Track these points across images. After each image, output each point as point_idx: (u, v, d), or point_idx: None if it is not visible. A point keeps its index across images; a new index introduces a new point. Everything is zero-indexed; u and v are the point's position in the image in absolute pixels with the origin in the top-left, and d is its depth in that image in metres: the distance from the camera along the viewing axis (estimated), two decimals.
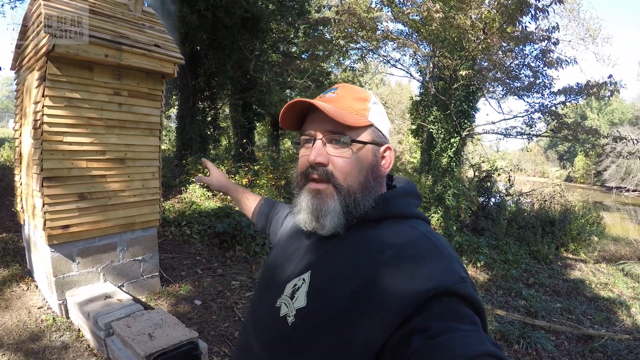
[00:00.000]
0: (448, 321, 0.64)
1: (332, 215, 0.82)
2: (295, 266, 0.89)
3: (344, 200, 0.82)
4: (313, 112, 0.87)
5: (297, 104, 0.86)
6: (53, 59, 3.28)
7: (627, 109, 43.63)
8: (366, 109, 0.87)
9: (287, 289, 0.85)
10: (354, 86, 0.92)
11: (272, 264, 1.01)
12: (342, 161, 0.83)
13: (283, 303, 0.83)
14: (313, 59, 12.52)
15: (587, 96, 9.15)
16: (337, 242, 0.84)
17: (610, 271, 7.87)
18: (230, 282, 4.91)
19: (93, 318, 3.21)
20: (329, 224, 0.82)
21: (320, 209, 0.82)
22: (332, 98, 0.87)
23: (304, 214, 0.85)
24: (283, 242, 1.04)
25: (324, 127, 0.84)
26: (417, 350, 0.61)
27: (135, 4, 4.13)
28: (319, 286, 0.79)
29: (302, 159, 0.88)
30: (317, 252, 0.87)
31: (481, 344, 0.60)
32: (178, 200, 8.03)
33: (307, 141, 0.88)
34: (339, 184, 0.82)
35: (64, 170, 3.47)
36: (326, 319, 0.73)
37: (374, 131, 0.87)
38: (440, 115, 10.27)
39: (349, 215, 0.82)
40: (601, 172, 38.76)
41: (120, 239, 4.03)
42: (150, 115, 4.05)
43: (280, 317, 0.81)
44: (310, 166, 0.84)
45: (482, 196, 10.44)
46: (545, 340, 4.15)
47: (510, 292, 5.91)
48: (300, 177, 0.88)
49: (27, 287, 4.13)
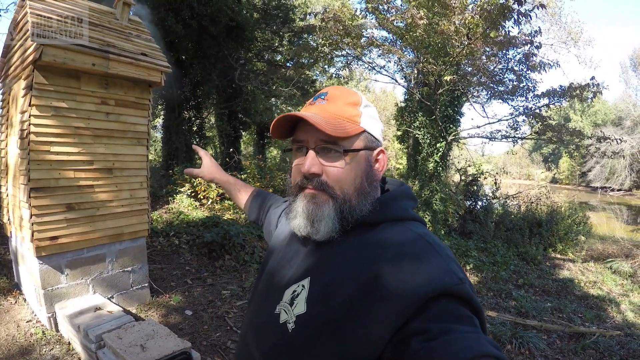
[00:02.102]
0: (447, 323, 0.64)
1: (326, 220, 0.81)
2: (294, 272, 0.88)
3: (339, 207, 0.81)
4: (304, 120, 0.84)
5: (288, 117, 0.85)
6: (40, 67, 3.25)
7: (609, 110, 44.33)
8: (358, 114, 0.86)
9: (286, 295, 0.85)
10: (344, 89, 0.91)
11: (269, 270, 0.99)
12: (336, 171, 0.82)
13: (282, 310, 0.83)
14: (298, 67, 12.59)
15: (570, 98, 9.36)
16: (334, 247, 0.83)
17: (599, 269, 7.98)
18: (220, 291, 4.87)
19: (83, 331, 3.15)
20: (323, 229, 0.81)
21: (315, 214, 0.82)
22: (323, 105, 0.86)
23: (299, 219, 0.85)
24: (280, 247, 1.03)
25: (316, 135, 0.82)
26: (416, 352, 0.61)
27: (122, 12, 4.12)
28: (319, 292, 0.79)
29: (295, 168, 0.88)
30: (315, 258, 0.86)
31: (480, 345, 0.60)
32: (166, 210, 7.96)
33: (299, 149, 0.88)
34: (334, 193, 0.82)
35: (51, 181, 3.42)
36: (327, 324, 0.73)
37: (366, 137, 0.86)
38: (425, 121, 10.39)
39: (344, 221, 0.82)
40: (586, 172, 39.42)
41: (109, 250, 3.98)
42: (138, 125, 4.02)
43: (280, 323, 0.81)
44: (305, 177, 0.83)
45: (469, 200, 10.54)
46: (537, 340, 4.18)
47: (500, 293, 5.95)
48: (295, 187, 0.87)
49: (15, 300, 4.04)
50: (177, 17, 8.55)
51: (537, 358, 3.97)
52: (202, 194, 8.54)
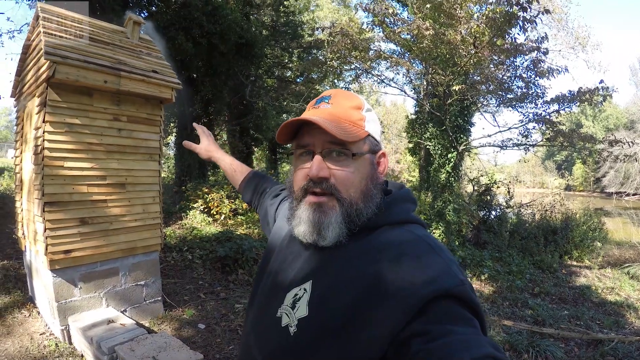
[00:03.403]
0: (447, 324, 0.64)
1: (334, 226, 0.81)
2: (295, 275, 0.88)
3: (346, 212, 0.82)
4: (308, 124, 0.85)
5: (294, 121, 0.85)
6: (53, 85, 3.34)
7: (621, 114, 43.91)
8: (362, 118, 0.87)
9: (288, 298, 0.85)
10: (346, 92, 0.92)
11: (269, 271, 0.99)
12: (344, 174, 0.83)
13: (284, 313, 0.83)
14: (308, 82, 12.71)
15: (580, 103, 9.29)
16: (336, 250, 0.83)
17: (616, 275, 7.81)
18: (233, 305, 4.86)
19: (96, 343, 3.18)
20: (330, 235, 0.81)
21: (322, 222, 0.82)
22: (328, 109, 0.87)
23: (304, 226, 0.85)
24: (279, 247, 1.03)
25: (323, 139, 0.83)
26: (416, 354, 0.61)
27: (132, 31, 4.23)
28: (321, 295, 0.79)
29: (300, 172, 0.87)
30: (317, 261, 0.86)
31: (480, 346, 0.60)
32: (179, 226, 8.04)
33: (303, 154, 0.88)
34: (341, 196, 0.82)
35: (65, 195, 3.50)
36: (329, 328, 0.73)
37: (370, 140, 0.88)
38: (436, 132, 10.38)
39: (352, 225, 0.82)
40: (600, 178, 38.96)
41: (122, 264, 4.02)
42: (150, 140, 4.10)
43: (282, 327, 0.81)
44: (312, 180, 0.83)
45: (482, 210, 10.44)
46: (554, 348, 4.09)
47: (516, 302, 5.86)
48: (300, 191, 0.87)
49: (29, 313, 4.10)
50: (187, 36, 8.71)
51: None
52: (215, 210, 8.61)
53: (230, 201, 8.90)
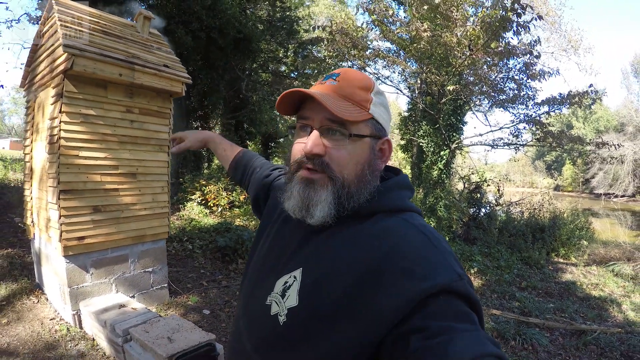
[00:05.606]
0: (446, 320, 0.63)
1: (322, 205, 0.79)
2: (285, 262, 0.86)
3: (337, 192, 0.79)
4: (311, 99, 0.82)
5: (295, 93, 0.82)
6: (70, 77, 3.45)
7: (612, 116, 44.36)
8: (368, 99, 0.83)
9: (278, 286, 0.83)
10: (357, 72, 0.87)
11: (260, 252, 0.99)
12: (339, 153, 0.80)
13: (274, 301, 0.81)
14: (302, 77, 12.83)
15: (570, 105, 9.56)
16: (328, 237, 0.82)
17: (601, 272, 8.07)
18: (235, 292, 5.02)
19: (110, 325, 3.32)
20: (318, 214, 0.79)
21: (311, 198, 0.80)
22: (333, 86, 0.83)
23: (293, 201, 0.83)
24: (271, 227, 1.01)
25: (322, 115, 0.80)
26: (416, 350, 0.60)
27: (143, 26, 4.34)
28: (311, 285, 0.77)
29: (297, 146, 0.86)
30: (308, 248, 0.84)
31: (481, 344, 0.59)
32: (177, 217, 8.15)
33: (303, 128, 0.86)
34: (334, 175, 0.79)
35: (79, 184, 3.62)
36: (319, 318, 0.72)
37: (374, 124, 0.84)
38: (429, 130, 10.61)
39: (340, 207, 0.79)
40: (589, 179, 39.50)
41: (132, 251, 4.16)
42: (160, 132, 4.24)
43: (271, 315, 0.80)
44: (306, 156, 0.81)
45: (472, 207, 10.65)
46: (540, 336, 4.33)
47: (504, 295, 6.08)
48: (294, 165, 0.85)
49: (37, 299, 4.22)
50: (186, 30, 8.77)
51: (540, 353, 4.11)
52: (213, 202, 8.74)
53: (228, 193, 9.04)
